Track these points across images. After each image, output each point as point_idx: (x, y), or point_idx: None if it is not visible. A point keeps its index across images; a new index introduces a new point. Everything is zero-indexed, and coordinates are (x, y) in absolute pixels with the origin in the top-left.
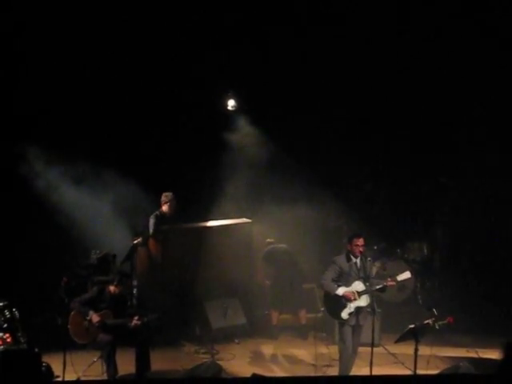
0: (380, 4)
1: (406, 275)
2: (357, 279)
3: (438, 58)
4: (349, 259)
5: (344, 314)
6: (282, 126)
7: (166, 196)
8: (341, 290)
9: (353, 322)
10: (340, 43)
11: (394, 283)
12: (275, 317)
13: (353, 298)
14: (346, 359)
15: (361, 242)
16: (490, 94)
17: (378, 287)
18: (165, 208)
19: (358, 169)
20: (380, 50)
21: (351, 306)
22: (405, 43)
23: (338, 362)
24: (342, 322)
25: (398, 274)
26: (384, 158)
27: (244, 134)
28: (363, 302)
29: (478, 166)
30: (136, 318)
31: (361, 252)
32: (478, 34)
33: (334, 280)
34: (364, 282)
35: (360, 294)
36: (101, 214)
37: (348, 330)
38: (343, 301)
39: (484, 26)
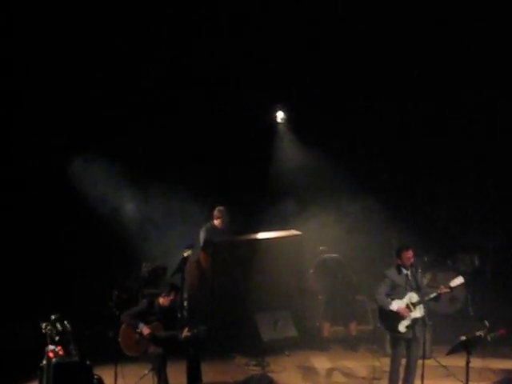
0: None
1: (459, 280)
2: (410, 291)
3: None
4: (400, 271)
5: (401, 328)
6: (330, 136)
7: (219, 211)
8: (395, 305)
9: (410, 335)
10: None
11: (447, 290)
12: (326, 328)
13: (406, 315)
14: (396, 374)
15: (410, 253)
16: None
17: (432, 296)
18: (217, 222)
19: (407, 179)
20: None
21: (407, 319)
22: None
23: (388, 375)
24: (396, 337)
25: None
26: (434, 169)
27: (292, 146)
28: (418, 313)
29: None
30: (186, 329)
31: (411, 263)
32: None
33: (387, 294)
34: (417, 293)
35: (415, 305)
36: (153, 225)
37: (402, 344)
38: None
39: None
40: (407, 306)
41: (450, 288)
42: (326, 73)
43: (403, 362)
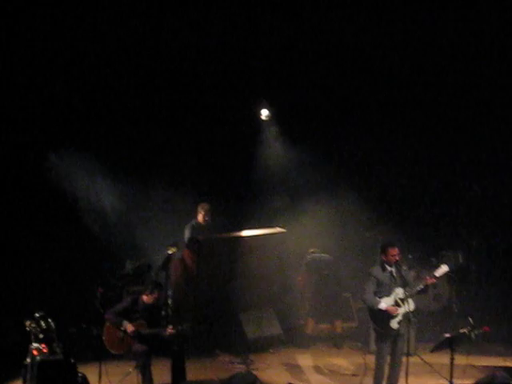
0: None
1: (444, 268)
2: (396, 287)
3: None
4: (384, 269)
5: (394, 324)
6: (316, 134)
7: (201, 206)
8: (383, 304)
9: (396, 332)
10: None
11: (433, 280)
12: (311, 325)
13: (395, 312)
14: (381, 371)
15: (395, 251)
16: None
17: (419, 288)
18: (200, 217)
19: (394, 177)
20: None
21: (398, 315)
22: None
23: (373, 372)
24: (383, 334)
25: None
26: (419, 167)
27: (277, 144)
28: (408, 307)
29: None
30: (170, 327)
31: (396, 260)
32: None
33: (374, 292)
34: (404, 288)
35: (403, 300)
36: (139, 223)
37: (387, 341)
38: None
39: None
40: (396, 302)
41: (436, 277)
42: (312, 69)
43: (388, 359)
